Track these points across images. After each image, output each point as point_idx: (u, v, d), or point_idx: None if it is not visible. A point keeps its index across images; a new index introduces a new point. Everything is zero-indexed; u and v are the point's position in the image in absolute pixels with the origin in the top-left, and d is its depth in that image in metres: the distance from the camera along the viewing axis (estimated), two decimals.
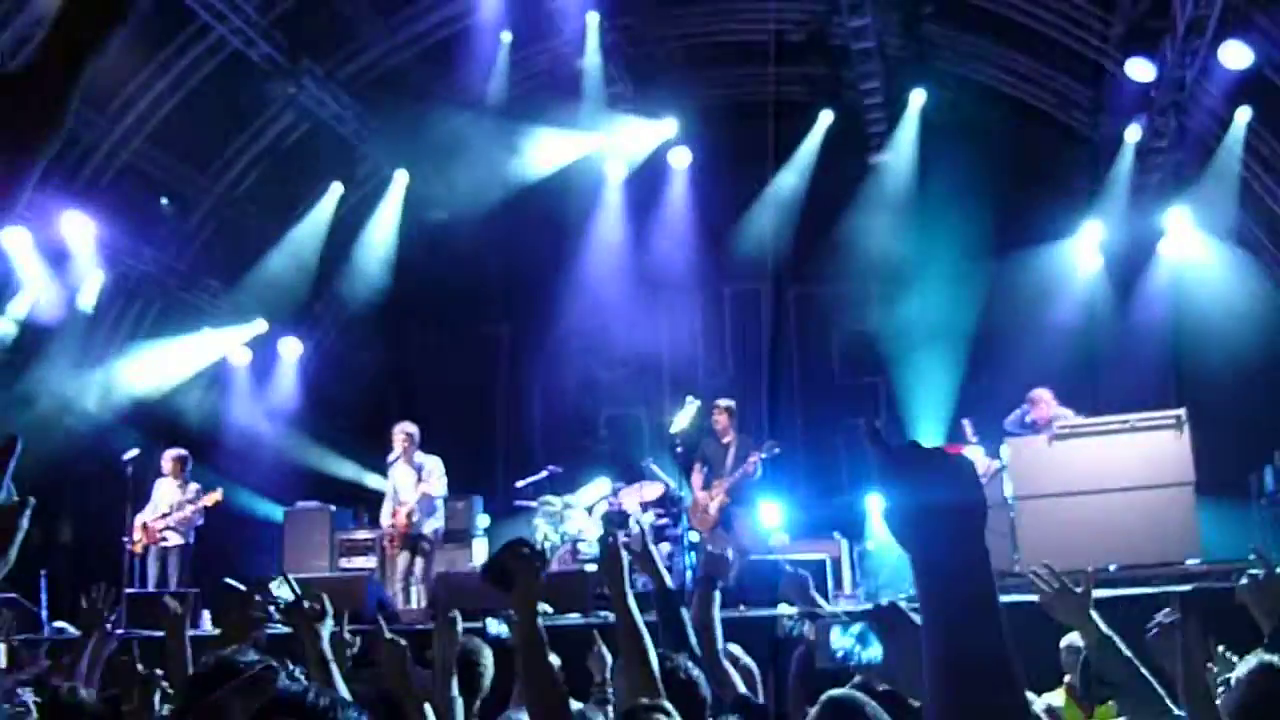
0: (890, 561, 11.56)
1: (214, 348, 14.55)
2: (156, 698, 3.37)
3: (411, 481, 11.09)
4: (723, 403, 11.32)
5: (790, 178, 14.47)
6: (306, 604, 3.74)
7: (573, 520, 11.80)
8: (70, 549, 12.47)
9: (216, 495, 11.31)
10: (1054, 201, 14.19)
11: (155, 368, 13.75)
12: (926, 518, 1.43)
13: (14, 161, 1.32)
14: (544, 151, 14.49)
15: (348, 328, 15.58)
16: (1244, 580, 3.59)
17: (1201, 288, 13.24)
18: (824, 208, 14.36)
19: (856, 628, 2.48)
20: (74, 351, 12.93)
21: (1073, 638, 5.47)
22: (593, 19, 13.21)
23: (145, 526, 11.03)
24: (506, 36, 13.70)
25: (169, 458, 11.39)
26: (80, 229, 12.59)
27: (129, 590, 10.09)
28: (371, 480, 13.38)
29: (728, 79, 15.44)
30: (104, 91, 12.74)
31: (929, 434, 12.96)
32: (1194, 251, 13.46)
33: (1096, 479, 9.25)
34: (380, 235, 15.12)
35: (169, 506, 11.15)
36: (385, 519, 11.20)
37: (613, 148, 14.85)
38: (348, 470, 14.19)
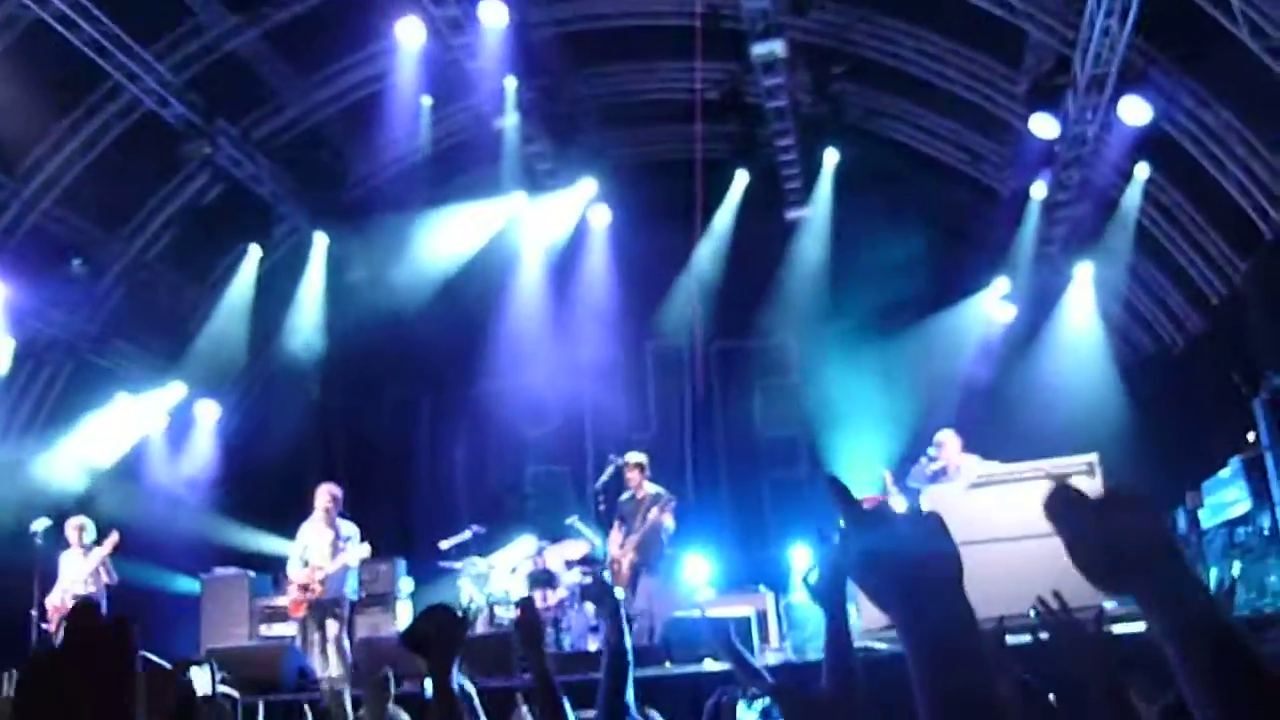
0: (816, 614, 11.59)
1: (132, 422, 14.14)
2: None
3: (328, 543, 10.60)
4: (632, 458, 11.10)
5: (709, 235, 14.64)
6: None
7: (497, 580, 11.67)
8: None
9: (113, 538, 10.87)
10: (968, 255, 14.54)
11: (70, 454, 13.31)
12: (903, 572, 1.43)
13: None
14: (463, 216, 14.54)
15: (268, 390, 15.34)
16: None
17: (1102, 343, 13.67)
18: (744, 264, 14.55)
19: (760, 704, 2.48)
20: None
21: None
22: (510, 82, 13.30)
23: (56, 608, 10.64)
24: (427, 100, 13.73)
25: (72, 527, 10.99)
26: None
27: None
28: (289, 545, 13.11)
29: (645, 137, 15.63)
30: (12, 152, 12.52)
31: (852, 486, 13.04)
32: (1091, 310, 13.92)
33: (1013, 526, 9.37)
34: (304, 297, 14.98)
35: (77, 578, 10.79)
36: (295, 574, 10.60)
37: (533, 207, 14.91)
38: (265, 536, 13.88)
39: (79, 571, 10.82)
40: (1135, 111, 11.45)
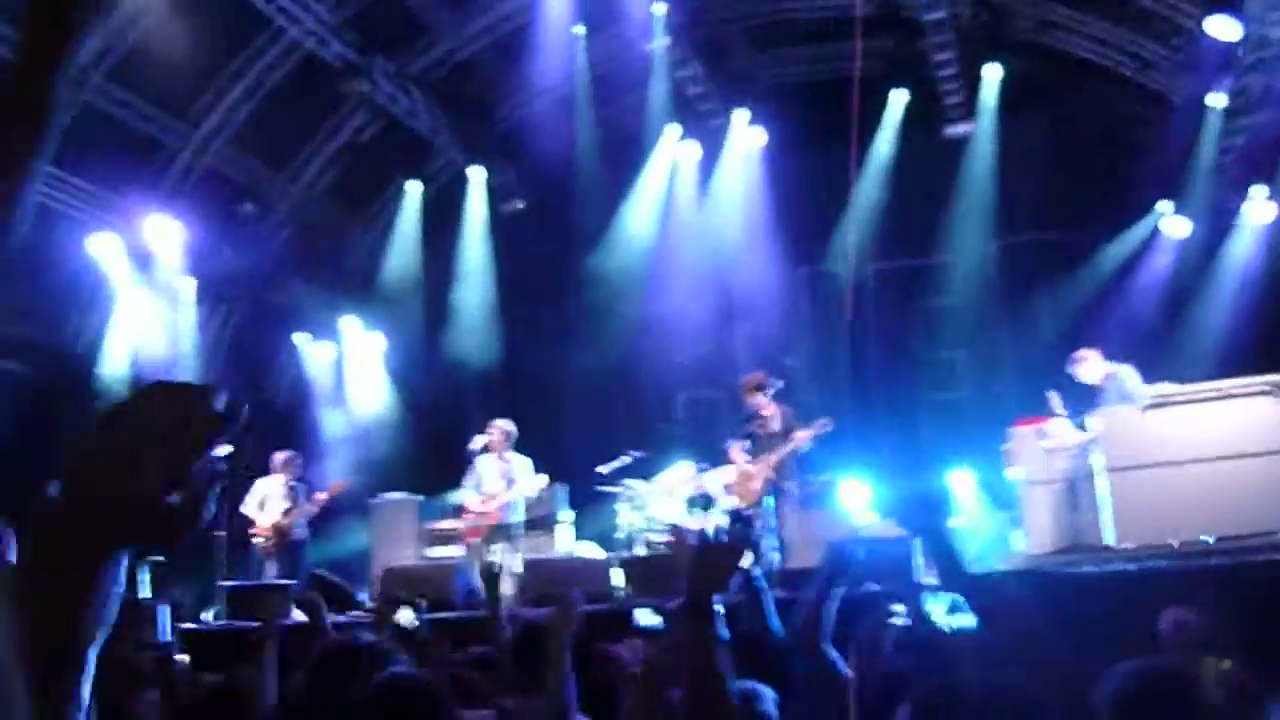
0: (980, 536, 11.42)
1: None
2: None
3: (500, 474, 11.06)
4: (750, 380, 10.80)
5: (867, 155, 14.30)
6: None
7: (655, 505, 11.82)
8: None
9: (344, 481, 11.84)
10: (1139, 169, 13.88)
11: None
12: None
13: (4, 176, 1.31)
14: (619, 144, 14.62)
15: (434, 321, 15.75)
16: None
17: None
18: (903, 183, 14.20)
19: (947, 597, 2.48)
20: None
21: None
22: (660, 7, 13.18)
23: (275, 526, 11.38)
24: (579, 29, 13.74)
25: (280, 458, 11.69)
26: (166, 233, 12.89)
27: (230, 583, 10.37)
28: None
29: (798, 57, 15.31)
30: (184, 97, 13.04)
31: (1015, 407, 12.76)
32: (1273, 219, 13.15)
33: (1190, 448, 9.04)
34: (466, 230, 15.30)
35: (286, 503, 11.46)
36: (471, 502, 11.15)
37: (687, 130, 14.85)
38: (432, 462, 14.35)
39: (283, 498, 11.51)
40: None
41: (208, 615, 10.82)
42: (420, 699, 2.30)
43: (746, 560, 3.69)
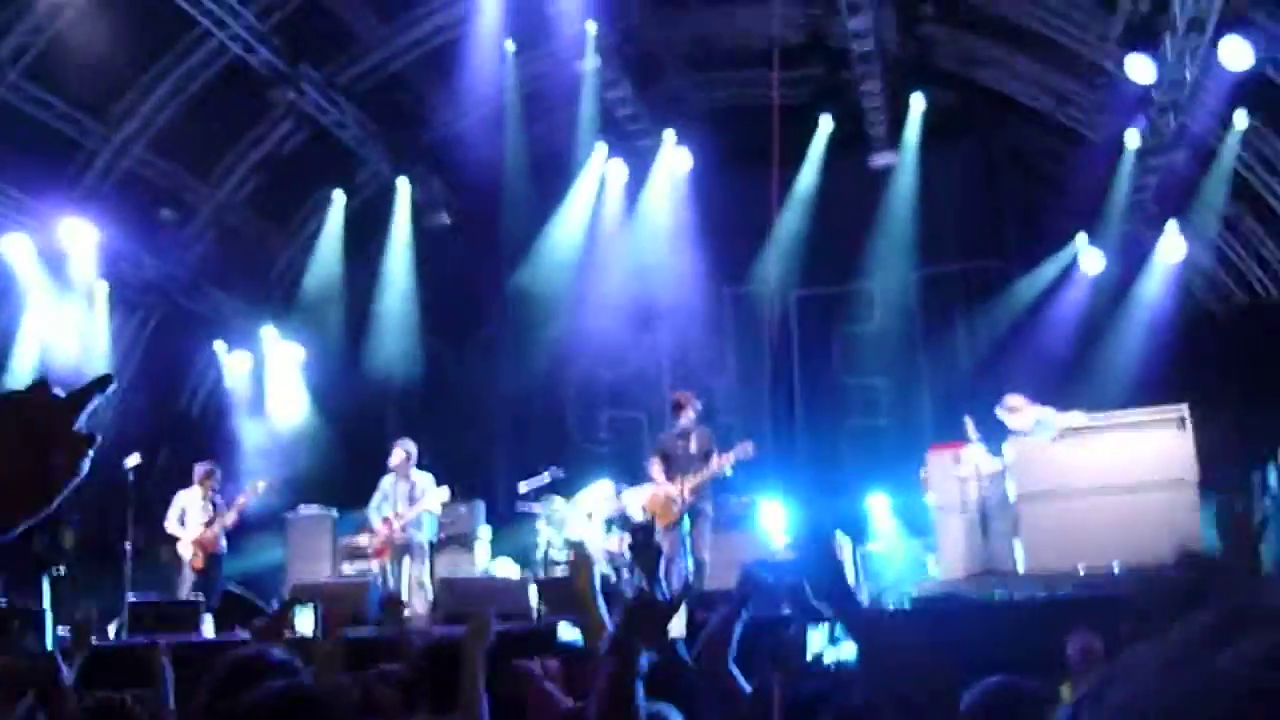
0: (896, 560, 11.55)
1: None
2: None
3: (405, 494, 11.16)
4: (679, 395, 10.75)
5: (793, 181, 14.43)
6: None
7: (574, 523, 11.78)
8: (72, 554, 12.42)
9: (261, 482, 11.66)
10: (1057, 204, 14.23)
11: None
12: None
13: None
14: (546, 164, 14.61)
15: (353, 334, 15.56)
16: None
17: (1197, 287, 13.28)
18: (827, 210, 14.36)
19: (825, 627, 2.52)
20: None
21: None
22: (591, 25, 13.21)
23: (198, 541, 11.18)
24: (510, 45, 13.72)
25: (200, 470, 11.46)
26: (81, 236, 12.61)
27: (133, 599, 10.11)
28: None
29: (727, 81, 15.45)
30: (103, 99, 12.78)
31: (932, 433, 12.94)
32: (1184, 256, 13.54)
33: (1099, 477, 9.23)
34: (389, 242, 15.17)
35: (206, 516, 11.25)
36: (376, 521, 11.19)
37: (614, 150, 14.89)
38: (347, 476, 14.17)
39: (201, 511, 11.29)
40: (1237, 54, 11.02)
41: (111, 631, 10.53)
42: (312, 711, 2.25)
43: (677, 624, 3.70)
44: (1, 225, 12.31)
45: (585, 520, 11.75)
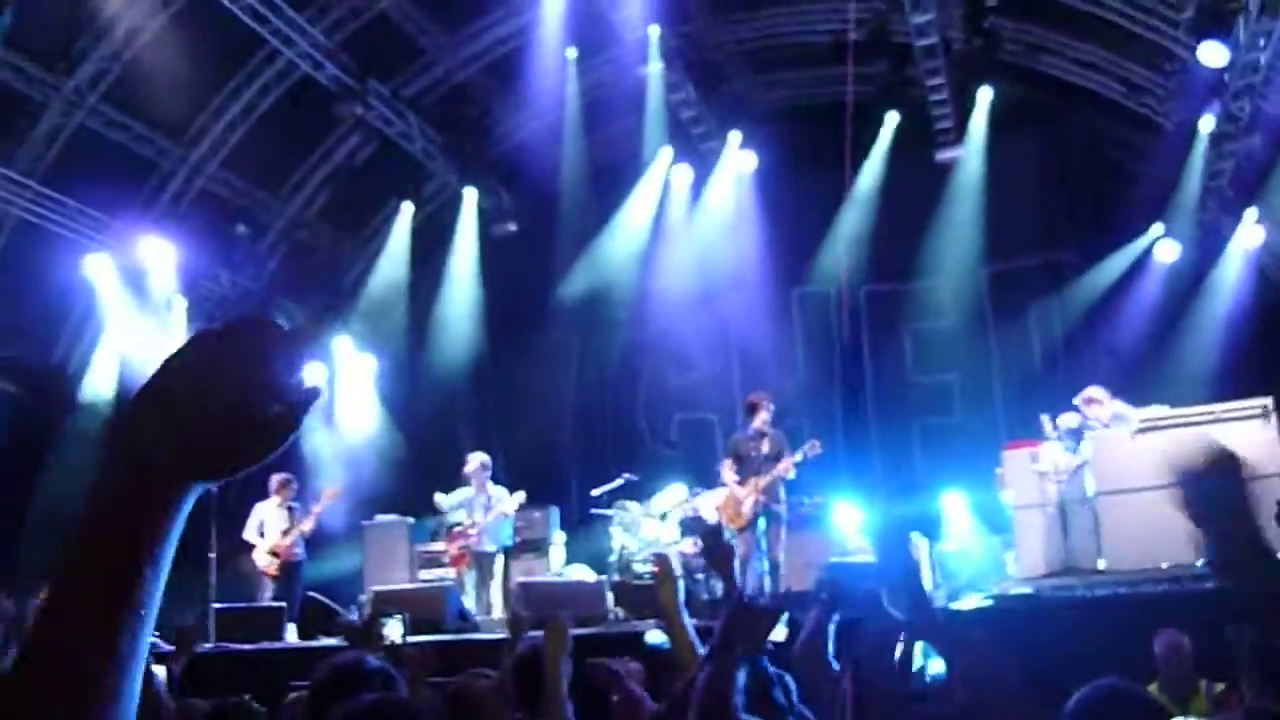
0: (973, 559, 11.42)
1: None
2: None
3: (480, 504, 11.41)
4: (754, 397, 10.73)
5: (859, 178, 14.35)
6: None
7: (648, 528, 11.82)
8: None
9: (334, 489, 11.76)
10: (1130, 193, 13.98)
11: None
12: None
13: None
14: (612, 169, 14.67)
15: (425, 343, 15.74)
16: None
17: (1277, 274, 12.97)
18: (894, 207, 14.25)
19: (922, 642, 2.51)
20: None
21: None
22: (654, 30, 13.24)
23: (274, 550, 11.37)
24: (571, 52, 13.80)
25: (276, 481, 11.63)
26: (159, 253, 12.91)
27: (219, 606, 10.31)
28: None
29: (792, 82, 15.42)
30: (178, 119, 13.08)
31: (1005, 429, 12.79)
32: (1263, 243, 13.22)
33: None
34: (457, 251, 15.33)
35: (284, 525, 11.46)
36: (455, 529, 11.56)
37: (681, 156, 14.92)
38: (423, 484, 14.33)
39: (280, 521, 11.47)
40: None
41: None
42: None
43: (780, 630, 3.72)
44: (84, 245, 12.63)
45: (659, 522, 11.78)
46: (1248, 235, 13.28)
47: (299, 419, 1.06)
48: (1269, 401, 9.17)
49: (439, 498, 11.78)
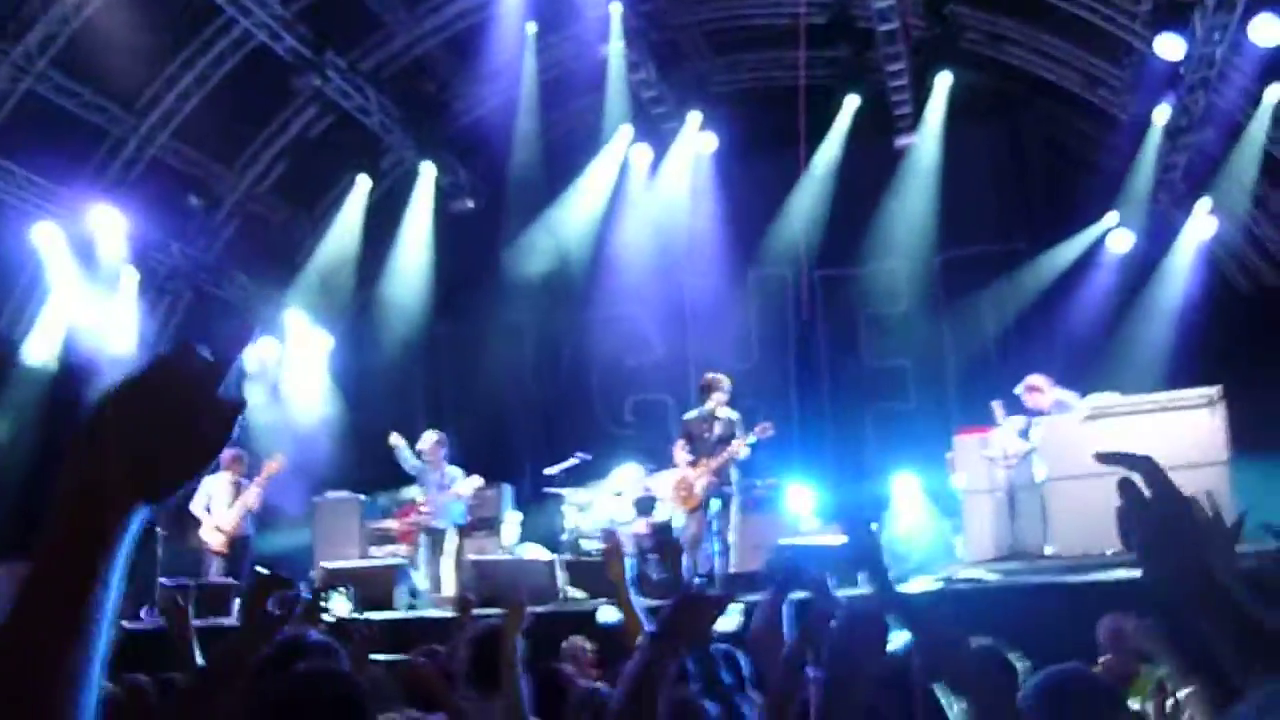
0: (923, 543, 11.52)
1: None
2: None
3: (435, 481, 11.35)
4: (708, 377, 10.62)
5: (816, 162, 14.37)
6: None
7: (601, 506, 11.82)
8: None
9: (276, 462, 11.50)
10: (1084, 183, 14.12)
11: None
12: None
13: None
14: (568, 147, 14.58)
15: (377, 318, 15.61)
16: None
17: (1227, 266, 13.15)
18: (851, 191, 14.29)
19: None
20: None
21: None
22: (615, 8, 13.17)
23: (218, 527, 11.23)
24: (531, 28, 13.71)
25: (228, 456, 11.43)
26: (109, 223, 12.70)
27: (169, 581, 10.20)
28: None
29: (752, 63, 15.41)
30: (130, 88, 12.85)
31: (958, 415, 12.89)
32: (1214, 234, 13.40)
33: None
34: (412, 227, 15.17)
35: (231, 501, 11.33)
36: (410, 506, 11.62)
37: (638, 136, 14.85)
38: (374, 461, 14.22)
39: (231, 496, 11.33)
40: (1267, 31, 10.91)
41: (143, 614, 10.64)
42: (347, 691, 2.27)
43: (730, 618, 3.72)
44: (31, 213, 12.41)
45: (614, 504, 11.79)
46: (1199, 226, 13.44)
47: (229, 434, 1.14)
48: (1215, 391, 9.30)
49: (395, 438, 11.53)
